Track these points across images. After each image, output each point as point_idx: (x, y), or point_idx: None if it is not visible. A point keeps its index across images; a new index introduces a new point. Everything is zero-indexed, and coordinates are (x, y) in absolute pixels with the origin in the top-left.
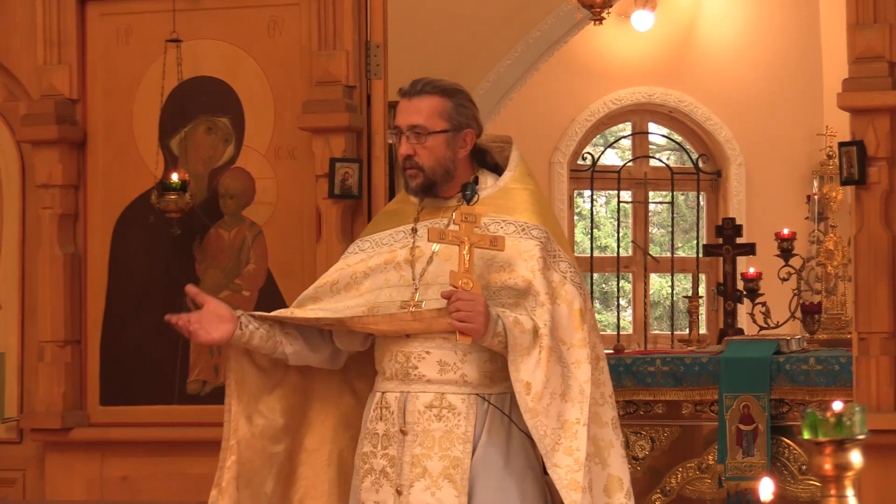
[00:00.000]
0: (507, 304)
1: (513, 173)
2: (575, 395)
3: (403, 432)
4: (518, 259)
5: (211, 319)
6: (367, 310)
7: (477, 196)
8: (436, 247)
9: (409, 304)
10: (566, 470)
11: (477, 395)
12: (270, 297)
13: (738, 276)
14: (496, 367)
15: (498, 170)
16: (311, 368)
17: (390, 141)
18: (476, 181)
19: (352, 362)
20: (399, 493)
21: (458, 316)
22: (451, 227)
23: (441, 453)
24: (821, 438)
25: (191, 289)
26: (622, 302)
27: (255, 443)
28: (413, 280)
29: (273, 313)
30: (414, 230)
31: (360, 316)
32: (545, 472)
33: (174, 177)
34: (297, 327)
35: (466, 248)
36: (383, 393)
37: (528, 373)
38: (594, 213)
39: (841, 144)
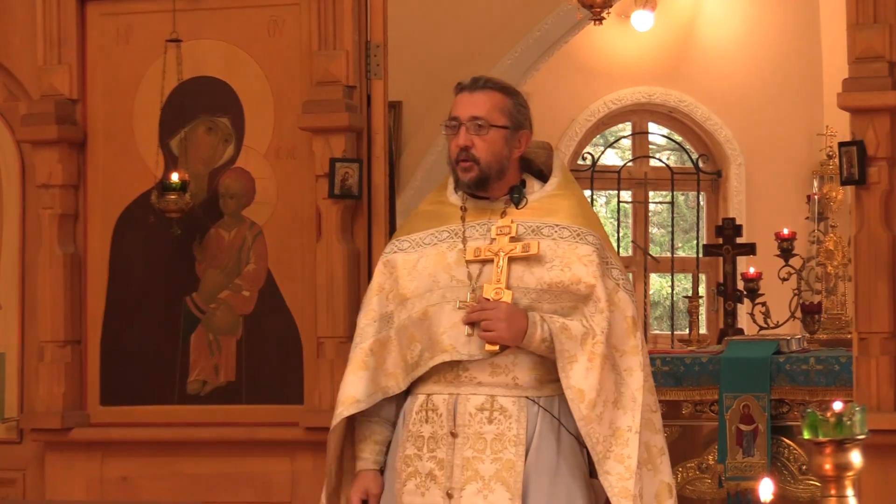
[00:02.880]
0: (566, 307)
1: (558, 179)
2: (627, 403)
3: (454, 434)
4: (577, 263)
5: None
6: (422, 314)
7: (525, 199)
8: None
9: (467, 304)
10: (617, 478)
11: (527, 397)
12: (270, 297)
13: (738, 276)
14: (545, 370)
15: (542, 176)
16: None
17: (443, 133)
18: (524, 184)
19: None
20: (450, 496)
21: (482, 325)
22: (493, 241)
23: (493, 456)
24: (821, 438)
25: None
26: None
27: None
28: (469, 280)
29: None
30: (462, 230)
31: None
32: (591, 475)
33: (174, 177)
34: (388, 402)
35: (501, 259)
36: (429, 395)
37: (579, 379)
38: None
39: (841, 144)
